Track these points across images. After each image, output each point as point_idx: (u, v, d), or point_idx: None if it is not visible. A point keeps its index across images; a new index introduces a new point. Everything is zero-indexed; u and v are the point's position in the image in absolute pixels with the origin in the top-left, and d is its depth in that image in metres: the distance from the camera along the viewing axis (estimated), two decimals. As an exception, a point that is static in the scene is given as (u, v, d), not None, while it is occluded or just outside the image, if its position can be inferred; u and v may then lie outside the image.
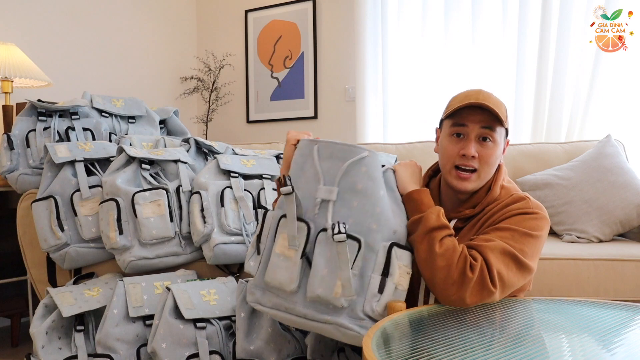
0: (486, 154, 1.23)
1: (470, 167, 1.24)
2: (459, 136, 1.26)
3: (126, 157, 1.81)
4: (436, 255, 1.12)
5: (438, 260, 1.12)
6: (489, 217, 1.24)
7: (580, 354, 0.92)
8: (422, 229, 1.16)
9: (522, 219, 1.19)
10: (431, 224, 1.15)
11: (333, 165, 1.19)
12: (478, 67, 2.84)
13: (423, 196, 1.20)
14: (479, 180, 1.25)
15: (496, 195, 1.27)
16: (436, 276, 1.12)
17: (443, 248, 1.12)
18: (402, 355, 0.91)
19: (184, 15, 3.70)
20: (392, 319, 1.12)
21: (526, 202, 1.23)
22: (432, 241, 1.14)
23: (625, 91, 2.49)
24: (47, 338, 1.57)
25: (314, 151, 1.21)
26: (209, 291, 1.61)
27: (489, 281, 1.10)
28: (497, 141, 1.25)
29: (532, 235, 1.17)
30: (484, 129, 1.23)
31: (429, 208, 1.18)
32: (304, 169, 1.22)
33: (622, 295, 1.66)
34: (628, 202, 2.02)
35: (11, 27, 2.65)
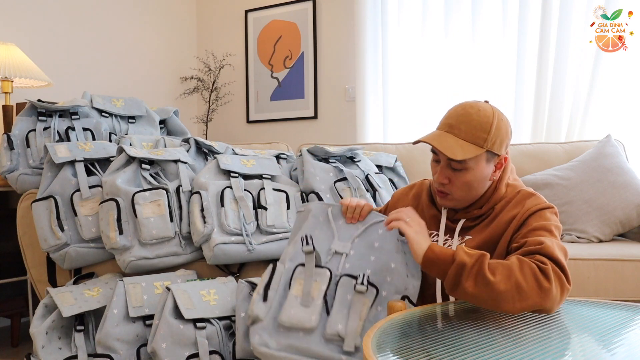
0: (458, 181, 1.24)
1: (443, 191, 1.27)
2: (437, 162, 1.29)
3: (126, 157, 1.81)
4: (493, 283, 1.04)
5: (500, 286, 1.03)
6: (497, 213, 1.25)
7: (580, 354, 0.92)
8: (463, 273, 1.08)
9: (545, 214, 1.20)
10: (468, 263, 1.07)
11: (349, 226, 1.38)
12: (478, 67, 2.84)
13: (439, 250, 1.14)
14: (457, 201, 1.27)
15: (502, 193, 1.28)
16: (509, 301, 1.04)
17: (497, 273, 1.05)
18: (402, 355, 0.91)
19: (184, 15, 3.70)
20: (392, 319, 1.12)
21: (536, 197, 1.25)
22: (480, 276, 1.06)
23: (625, 91, 2.49)
24: (47, 338, 1.57)
25: (327, 213, 1.41)
26: (209, 291, 1.61)
27: (565, 280, 1.07)
28: (470, 168, 1.23)
29: (560, 229, 1.21)
30: (451, 160, 1.23)
31: (452, 255, 1.11)
32: (317, 227, 1.39)
33: (622, 295, 1.66)
34: (628, 202, 2.02)
35: (11, 27, 2.65)
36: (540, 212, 1.21)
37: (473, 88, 2.85)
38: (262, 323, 1.26)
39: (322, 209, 1.41)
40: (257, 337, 1.25)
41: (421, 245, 1.15)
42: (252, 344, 1.25)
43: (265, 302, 1.28)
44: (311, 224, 1.39)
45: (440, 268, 1.11)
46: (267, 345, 1.23)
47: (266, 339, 1.24)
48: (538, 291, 1.04)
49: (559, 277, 1.06)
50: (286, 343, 1.23)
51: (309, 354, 1.22)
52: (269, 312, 1.27)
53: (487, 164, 1.25)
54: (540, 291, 1.04)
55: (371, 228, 1.36)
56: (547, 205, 1.23)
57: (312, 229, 1.38)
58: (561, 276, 1.07)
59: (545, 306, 1.06)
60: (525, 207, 1.22)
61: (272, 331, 1.25)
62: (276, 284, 1.30)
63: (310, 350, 1.22)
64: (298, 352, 1.23)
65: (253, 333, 1.26)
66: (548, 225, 1.17)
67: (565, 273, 1.08)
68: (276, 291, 1.29)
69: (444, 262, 1.10)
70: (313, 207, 1.42)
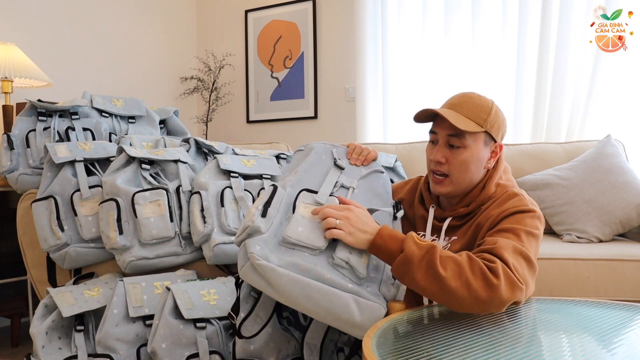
0: (456, 160, 1.24)
1: (440, 171, 1.26)
2: (433, 143, 1.28)
3: (126, 157, 1.81)
4: (444, 278, 1.01)
5: (451, 283, 1.01)
6: (484, 215, 1.23)
7: (581, 354, 0.92)
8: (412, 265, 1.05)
9: (522, 218, 1.17)
10: (417, 254, 1.05)
11: (352, 168, 1.33)
12: (478, 67, 2.84)
13: (386, 236, 1.11)
14: (453, 185, 1.26)
15: (490, 193, 1.27)
16: (459, 299, 1.02)
17: (448, 269, 1.03)
18: (402, 355, 0.91)
19: (184, 15, 3.70)
20: (391, 319, 1.12)
21: (520, 198, 1.21)
22: (431, 269, 1.03)
23: (625, 91, 2.49)
24: (47, 338, 1.57)
25: (332, 152, 1.34)
26: (209, 291, 1.61)
27: (516, 279, 1.04)
28: (468, 146, 1.23)
29: (534, 235, 1.16)
30: (451, 137, 1.24)
31: (401, 243, 1.09)
32: (319, 164, 1.31)
33: (622, 295, 1.66)
34: (628, 202, 2.02)
35: (11, 27, 2.65)
36: (516, 215, 1.17)
37: (473, 88, 2.84)
38: (264, 236, 1.11)
39: (326, 149, 1.36)
40: (258, 247, 1.09)
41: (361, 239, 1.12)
42: (249, 255, 1.08)
43: (265, 218, 1.14)
44: (313, 160, 1.32)
45: (387, 256, 1.10)
46: (268, 258, 1.07)
47: (267, 252, 1.09)
48: (487, 289, 1.01)
49: (508, 275, 1.03)
50: (289, 260, 1.09)
51: (313, 276, 1.09)
52: (270, 228, 1.13)
53: (485, 147, 1.26)
54: (490, 290, 1.01)
55: (374, 175, 1.35)
56: (526, 209, 1.18)
57: (313, 164, 1.31)
58: (510, 275, 1.03)
59: (494, 304, 1.03)
60: (503, 208, 1.20)
61: (273, 247, 1.11)
62: (277, 204, 1.18)
63: (316, 271, 1.09)
64: (302, 272, 1.08)
65: (252, 243, 1.09)
66: (517, 229, 1.14)
67: (515, 273, 1.04)
68: (277, 210, 1.17)
69: (391, 250, 1.09)
70: (316, 145, 1.36)
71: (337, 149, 1.36)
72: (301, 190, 1.22)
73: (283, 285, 1.07)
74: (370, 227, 1.13)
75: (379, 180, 1.35)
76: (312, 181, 1.26)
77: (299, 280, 1.07)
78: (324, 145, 1.36)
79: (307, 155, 1.33)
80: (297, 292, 1.08)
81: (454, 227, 1.29)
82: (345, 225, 1.11)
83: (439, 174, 1.27)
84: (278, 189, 1.20)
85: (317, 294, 1.08)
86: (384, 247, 1.10)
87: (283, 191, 1.21)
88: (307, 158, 1.32)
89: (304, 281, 1.07)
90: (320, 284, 1.08)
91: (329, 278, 1.09)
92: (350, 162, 1.35)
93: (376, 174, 1.36)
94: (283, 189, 1.22)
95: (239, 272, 1.11)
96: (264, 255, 1.07)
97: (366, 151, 1.36)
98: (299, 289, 1.07)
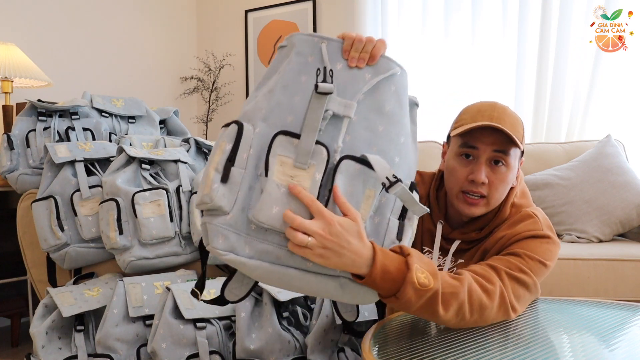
0: (497, 180, 1.10)
1: (479, 193, 1.10)
2: (468, 157, 1.12)
3: (126, 157, 1.81)
4: (442, 318, 0.93)
5: (449, 320, 0.95)
6: (496, 240, 1.12)
7: (581, 354, 0.92)
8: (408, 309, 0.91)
9: (537, 245, 1.07)
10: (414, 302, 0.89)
11: (351, 74, 0.91)
12: (478, 67, 2.84)
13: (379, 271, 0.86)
14: (488, 207, 1.13)
15: (505, 216, 1.15)
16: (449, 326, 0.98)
17: (450, 310, 0.93)
18: (402, 355, 0.91)
19: (184, 15, 3.70)
20: (391, 319, 1.12)
21: (534, 221, 1.11)
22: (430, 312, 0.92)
23: (625, 91, 2.49)
24: (47, 338, 1.57)
25: (322, 51, 0.91)
26: (209, 291, 1.61)
27: (510, 309, 1.01)
28: (510, 165, 1.11)
29: (546, 265, 1.07)
30: (497, 153, 1.09)
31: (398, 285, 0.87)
32: (304, 72, 0.90)
33: (622, 295, 1.66)
34: (628, 202, 2.02)
35: (11, 27, 2.65)
36: (531, 241, 1.08)
37: (473, 88, 2.85)
38: (227, 218, 0.84)
39: (313, 44, 0.91)
40: (222, 239, 0.84)
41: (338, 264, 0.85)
42: (212, 247, 0.84)
43: (227, 185, 0.84)
44: (294, 67, 0.90)
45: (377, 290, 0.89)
46: (235, 249, 0.84)
47: (234, 242, 0.84)
48: (478, 320, 0.98)
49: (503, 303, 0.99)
50: (261, 248, 0.84)
51: (293, 263, 0.86)
52: (236, 203, 0.84)
53: (516, 166, 1.15)
54: (480, 319, 0.98)
55: (384, 82, 0.92)
56: (542, 234, 1.08)
57: (294, 75, 0.90)
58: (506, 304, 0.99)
59: (479, 324, 1.00)
60: (515, 231, 1.09)
61: (241, 226, 0.85)
62: (244, 157, 0.85)
63: (294, 260, 0.85)
64: (278, 261, 0.85)
65: (214, 232, 0.84)
66: (533, 256, 1.05)
67: (512, 304, 1.00)
68: (244, 169, 0.85)
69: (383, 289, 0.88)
70: (297, 41, 0.92)
71: (329, 44, 0.91)
72: (277, 133, 0.86)
73: (258, 276, 0.86)
74: (354, 249, 0.84)
75: (389, 88, 0.93)
76: (292, 107, 0.88)
77: (276, 271, 0.85)
78: (309, 38, 0.92)
79: (287, 58, 0.92)
80: (275, 282, 0.88)
81: (461, 250, 1.18)
82: (315, 244, 0.82)
83: (477, 195, 1.11)
84: (244, 130, 0.86)
85: (299, 283, 0.87)
86: (375, 285, 0.87)
87: (251, 131, 0.87)
88: (286, 62, 0.91)
89: (282, 272, 0.86)
90: (301, 274, 0.86)
91: (312, 266, 0.86)
92: (349, 63, 0.91)
93: (386, 80, 0.92)
94: (251, 127, 0.87)
95: (206, 247, 0.88)
96: (229, 247, 0.84)
97: (370, 44, 0.91)
98: (276, 279, 0.87)
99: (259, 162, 0.86)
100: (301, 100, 0.89)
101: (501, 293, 0.99)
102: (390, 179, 0.86)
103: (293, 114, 0.88)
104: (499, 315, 1.01)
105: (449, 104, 2.90)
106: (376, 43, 0.91)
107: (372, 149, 0.90)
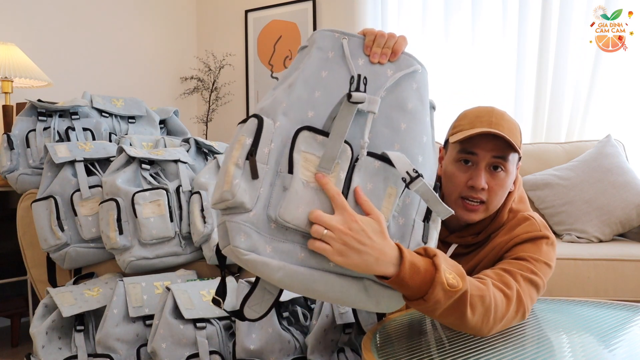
0: (497, 185, 1.10)
1: (478, 199, 1.10)
2: (466, 163, 1.11)
3: (126, 157, 1.82)
4: (468, 321, 0.91)
5: (474, 324, 0.92)
6: (494, 244, 1.13)
7: (581, 354, 0.92)
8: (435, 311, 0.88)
9: (538, 247, 1.08)
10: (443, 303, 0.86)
11: (373, 70, 0.90)
12: (478, 67, 2.84)
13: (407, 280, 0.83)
14: (487, 212, 1.13)
15: (503, 221, 1.16)
16: (470, 331, 0.95)
17: (476, 313, 0.90)
18: (402, 355, 0.91)
19: (184, 15, 3.70)
20: (391, 319, 1.12)
21: (531, 222, 1.12)
22: (458, 315, 0.89)
23: (625, 91, 2.49)
24: (47, 338, 1.57)
25: (343, 46, 0.91)
26: (209, 291, 1.61)
27: (520, 315, 1.01)
28: (509, 170, 1.11)
29: (550, 266, 1.09)
30: (496, 159, 1.09)
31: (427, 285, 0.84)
32: (326, 68, 0.90)
33: (622, 295, 1.66)
34: (628, 202, 2.02)
35: (11, 27, 2.65)
36: (529, 243, 1.09)
37: (473, 88, 2.85)
38: (249, 215, 0.81)
39: (334, 40, 0.91)
40: (244, 237, 0.80)
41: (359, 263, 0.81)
42: (233, 250, 0.80)
43: (255, 181, 0.81)
44: (315, 61, 0.90)
45: (403, 291, 0.86)
46: (256, 249, 0.80)
47: (256, 240, 0.80)
48: (498, 326, 0.97)
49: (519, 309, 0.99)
50: (283, 248, 0.82)
51: (315, 264, 0.83)
52: (259, 200, 0.81)
53: (515, 171, 1.15)
54: (502, 323, 0.97)
55: (405, 78, 0.92)
56: (541, 234, 1.10)
57: (316, 70, 0.89)
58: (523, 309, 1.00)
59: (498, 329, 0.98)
60: (514, 234, 1.11)
61: (262, 225, 0.81)
62: (265, 151, 0.83)
63: (317, 260, 0.83)
64: (300, 262, 0.82)
65: (236, 230, 0.80)
66: (538, 258, 1.06)
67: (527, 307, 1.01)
68: (266, 163, 0.82)
69: (411, 289, 0.84)
70: (318, 37, 0.92)
71: (350, 39, 0.92)
72: (301, 129, 0.85)
73: (280, 280, 0.82)
74: (377, 247, 0.82)
75: (411, 86, 0.93)
76: (312, 102, 0.88)
77: (298, 272, 0.82)
78: (330, 34, 0.91)
79: (308, 54, 0.92)
80: (297, 286, 0.84)
81: (458, 255, 1.18)
82: (333, 239, 0.80)
83: (476, 201, 1.11)
84: (265, 124, 0.83)
85: (321, 286, 0.84)
86: (402, 286, 0.84)
87: (272, 125, 0.84)
88: (307, 58, 0.91)
89: (304, 274, 0.82)
90: (322, 274, 0.83)
91: (334, 266, 0.83)
92: (371, 59, 0.91)
93: (408, 77, 0.93)
94: (271, 121, 0.85)
95: (222, 250, 0.85)
96: (251, 246, 0.80)
97: (392, 39, 0.91)
98: (298, 282, 0.83)
99: (280, 157, 0.84)
100: (322, 96, 0.88)
101: (519, 296, 0.98)
102: (411, 173, 0.84)
103: (314, 110, 0.87)
104: (517, 319, 1.01)
105: (449, 105, 2.90)
106: (397, 39, 0.92)
107: (394, 147, 0.89)
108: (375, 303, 0.87)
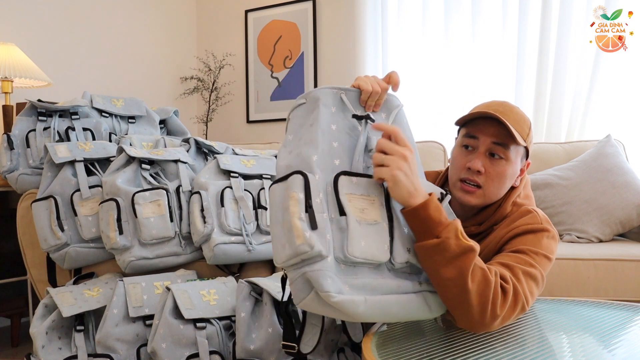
0: (494, 172, 1.12)
1: (475, 182, 1.13)
2: (468, 148, 1.16)
3: (126, 157, 1.81)
4: (469, 292, 0.92)
5: (472, 298, 0.93)
6: (495, 236, 1.14)
7: (581, 354, 0.92)
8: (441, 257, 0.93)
9: (538, 240, 1.09)
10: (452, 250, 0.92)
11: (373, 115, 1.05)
12: (478, 67, 2.84)
13: (433, 209, 0.93)
14: (484, 198, 1.14)
15: (506, 213, 1.17)
16: (467, 312, 0.94)
17: (476, 283, 0.93)
18: (402, 355, 0.91)
19: (184, 15, 3.70)
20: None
21: (533, 215, 1.13)
22: (459, 273, 0.92)
23: (625, 91, 2.49)
24: (47, 338, 1.57)
25: (341, 100, 1.03)
26: (209, 291, 1.61)
27: (519, 309, 0.99)
28: (510, 159, 1.13)
29: (550, 259, 1.09)
30: (495, 145, 1.12)
31: (443, 227, 0.93)
32: (334, 121, 1.01)
33: (622, 295, 1.66)
34: (628, 202, 2.02)
35: (11, 27, 2.65)
36: (532, 235, 1.09)
37: (473, 88, 2.85)
38: (327, 261, 0.87)
39: (333, 96, 1.02)
40: (330, 281, 0.86)
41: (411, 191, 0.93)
42: (324, 295, 0.86)
43: (317, 231, 0.87)
44: (326, 117, 1.00)
45: (420, 228, 0.94)
46: (341, 290, 0.87)
47: (337, 283, 0.87)
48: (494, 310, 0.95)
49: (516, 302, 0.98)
50: (358, 283, 0.90)
51: (386, 290, 0.92)
52: (329, 245, 0.89)
53: (520, 163, 1.18)
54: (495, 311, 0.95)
55: (398, 116, 1.09)
56: (541, 227, 1.10)
57: (327, 123, 1.00)
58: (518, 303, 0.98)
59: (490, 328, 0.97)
60: (514, 225, 1.12)
61: (336, 271, 0.88)
62: (320, 204, 0.90)
63: (386, 284, 0.92)
64: (374, 291, 0.91)
65: (322, 276, 0.86)
66: (538, 251, 1.06)
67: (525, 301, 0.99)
68: (323, 212, 0.90)
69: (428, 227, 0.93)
70: (321, 94, 1.02)
71: (347, 93, 1.04)
72: (340, 174, 0.94)
73: (362, 313, 0.89)
74: (416, 180, 0.95)
75: (403, 120, 1.11)
76: (334, 152, 0.98)
77: (377, 301, 0.90)
78: (330, 91, 1.02)
79: (314, 111, 1.01)
80: (378, 313, 0.91)
81: None
82: (392, 160, 0.92)
83: (472, 184, 1.14)
84: (310, 178, 0.91)
85: (395, 307, 0.93)
86: (425, 218, 0.93)
87: (314, 178, 0.92)
88: (315, 113, 1.00)
89: (382, 301, 0.91)
90: (395, 297, 0.93)
91: (399, 286, 0.94)
92: (367, 110, 1.06)
93: (399, 114, 1.10)
94: (313, 175, 0.93)
95: (297, 304, 0.90)
96: (337, 289, 0.86)
97: (384, 92, 1.08)
98: (378, 309, 0.91)
99: (328, 205, 0.92)
100: (339, 146, 0.99)
101: (515, 289, 0.98)
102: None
103: (338, 158, 0.98)
104: (517, 312, 0.99)
105: (449, 104, 2.90)
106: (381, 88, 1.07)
107: None
108: (429, 309, 0.97)
